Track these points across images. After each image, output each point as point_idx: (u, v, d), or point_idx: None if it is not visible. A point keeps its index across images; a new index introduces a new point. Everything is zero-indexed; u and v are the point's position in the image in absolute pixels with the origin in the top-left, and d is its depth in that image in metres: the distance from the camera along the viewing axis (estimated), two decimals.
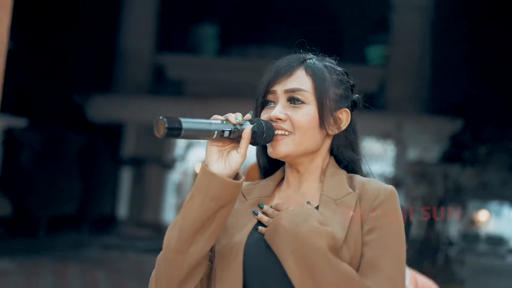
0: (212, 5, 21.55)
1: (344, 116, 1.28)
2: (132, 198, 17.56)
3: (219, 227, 1.17)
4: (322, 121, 1.24)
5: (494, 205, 18.81)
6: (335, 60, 1.34)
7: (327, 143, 1.28)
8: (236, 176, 1.18)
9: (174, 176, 17.94)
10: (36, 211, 14.01)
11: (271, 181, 1.33)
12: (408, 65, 17.35)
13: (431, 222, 9.89)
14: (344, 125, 1.28)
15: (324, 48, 1.38)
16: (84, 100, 17.59)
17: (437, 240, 9.65)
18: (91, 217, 15.97)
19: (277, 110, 1.24)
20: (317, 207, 1.21)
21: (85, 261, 11.84)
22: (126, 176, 17.65)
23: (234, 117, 1.18)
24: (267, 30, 20.08)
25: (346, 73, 1.32)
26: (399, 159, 14.57)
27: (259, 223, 1.22)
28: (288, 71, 1.27)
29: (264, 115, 1.26)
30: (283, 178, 1.32)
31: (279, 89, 1.26)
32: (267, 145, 1.25)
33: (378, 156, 16.45)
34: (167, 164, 17.50)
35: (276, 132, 1.22)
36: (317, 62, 1.28)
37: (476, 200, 11.00)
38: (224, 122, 1.17)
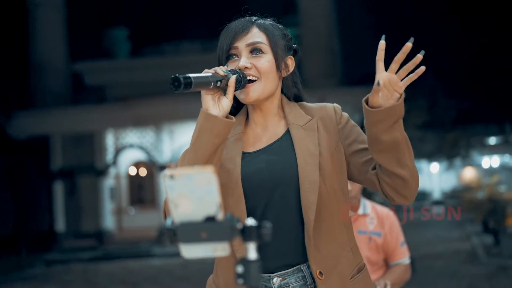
0: (120, 7, 21.38)
1: (290, 62, 1.62)
2: (68, 210, 17.28)
3: (219, 158, 1.47)
4: (278, 66, 1.55)
5: (415, 161, 20.02)
6: (273, 20, 1.66)
7: (280, 85, 1.61)
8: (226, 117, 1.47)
9: (108, 182, 17.79)
10: None
11: (237, 121, 1.61)
12: (318, 43, 18.06)
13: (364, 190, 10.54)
14: (291, 68, 1.62)
15: None
16: (4, 119, 17.07)
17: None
18: (29, 236, 15.62)
19: (244, 61, 1.52)
20: (287, 133, 1.57)
21: (31, 280, 11.64)
22: (59, 189, 17.33)
23: (221, 70, 1.45)
24: (179, 26, 20.23)
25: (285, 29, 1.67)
26: None
27: (245, 154, 1.55)
28: (245, 29, 1.55)
29: (231, 67, 1.51)
30: (247, 118, 1.65)
31: (241, 44, 1.54)
32: (238, 92, 1.52)
33: None
34: (99, 171, 17.33)
35: (248, 78, 1.53)
36: (265, 22, 1.60)
37: None
38: (214, 74, 1.43)
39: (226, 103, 1.46)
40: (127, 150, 17.66)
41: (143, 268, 12.80)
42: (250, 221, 0.97)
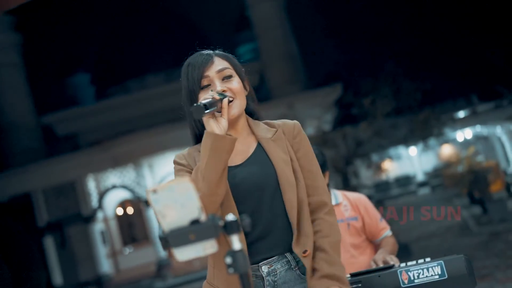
0: (77, 54, 21.43)
1: (247, 82, 1.86)
2: (63, 262, 17.15)
3: (226, 173, 1.66)
4: (244, 86, 1.80)
5: (393, 149, 20.26)
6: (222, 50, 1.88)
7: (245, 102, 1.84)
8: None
9: (97, 227, 17.72)
10: None
11: None
12: (277, 52, 18.32)
13: (344, 179, 10.70)
14: (249, 87, 1.86)
15: None
16: None
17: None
18: None
19: (219, 86, 1.73)
20: (259, 147, 1.78)
21: None
22: (49, 243, 17.20)
23: (216, 94, 1.67)
24: (140, 61, 20.31)
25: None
26: None
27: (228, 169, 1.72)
28: (210, 60, 1.76)
29: (207, 95, 1.70)
30: None
31: (211, 73, 1.74)
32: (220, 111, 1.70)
33: None
34: (86, 217, 17.27)
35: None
36: (218, 50, 1.84)
37: (378, 148, 11.90)
38: (213, 98, 1.64)
39: (224, 122, 1.66)
40: (111, 192, 17.63)
41: None
42: (230, 217, 1.13)
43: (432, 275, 2.21)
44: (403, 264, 2.32)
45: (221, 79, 1.75)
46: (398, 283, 2.23)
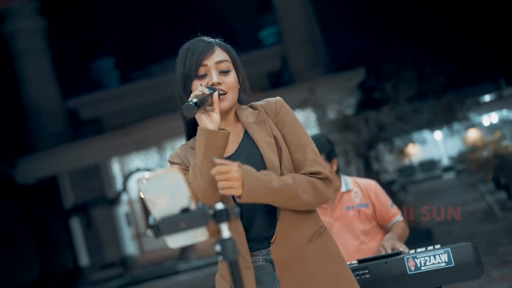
0: (101, 38, 21.60)
1: (243, 75, 1.84)
2: (89, 244, 17.49)
3: None
4: (239, 80, 1.80)
5: (417, 133, 20.04)
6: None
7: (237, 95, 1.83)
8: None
9: (122, 209, 18.00)
10: None
11: None
12: (300, 36, 18.17)
13: (366, 163, 10.64)
14: (244, 81, 1.85)
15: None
16: (9, 167, 17.32)
17: (378, 181, 10.31)
18: (56, 276, 15.83)
19: (215, 78, 1.72)
20: (246, 134, 1.77)
21: None
22: (76, 225, 17.54)
23: (205, 89, 1.66)
24: (163, 45, 20.35)
25: None
26: (322, 122, 15.42)
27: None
28: (210, 49, 1.74)
29: (196, 91, 1.66)
30: None
31: (209, 62, 1.72)
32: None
33: (304, 125, 17.27)
34: (111, 200, 17.55)
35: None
36: (220, 40, 1.82)
37: (401, 133, 11.79)
38: (202, 94, 1.63)
39: (216, 116, 1.66)
40: (135, 175, 17.86)
41: (172, 286, 12.97)
42: (220, 206, 1.15)
43: (439, 263, 2.21)
44: (412, 251, 2.33)
45: (218, 71, 1.74)
46: (405, 269, 2.24)
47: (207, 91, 1.65)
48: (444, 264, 2.20)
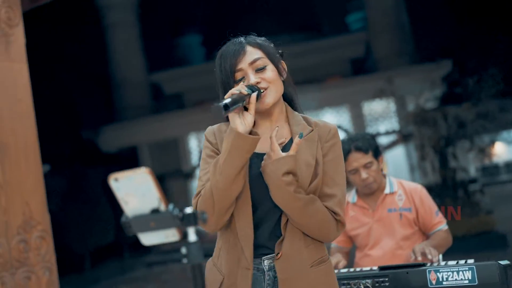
0: (190, 15, 22.00)
1: (283, 65, 1.79)
2: None
3: (247, 168, 1.65)
4: (279, 71, 1.74)
5: (505, 132, 18.96)
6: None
7: (283, 88, 1.78)
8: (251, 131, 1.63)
9: (195, 184, 18.47)
10: (78, 249, 14.49)
11: None
12: (387, 23, 17.65)
13: (442, 160, 10.25)
14: (286, 71, 1.79)
15: (306, 26, 1.86)
16: (94, 135, 18.24)
17: (453, 178, 9.95)
18: (130, 241, 16.55)
19: (253, 79, 1.68)
20: (290, 142, 1.73)
21: (133, 282, 12.34)
22: None
23: (243, 89, 1.62)
24: (248, 24, 20.45)
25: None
26: (400, 113, 14.97)
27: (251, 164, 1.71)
28: (241, 51, 1.71)
29: (234, 89, 1.63)
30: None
31: (243, 65, 1.70)
32: (257, 103, 1.67)
33: (382, 115, 16.86)
34: (187, 174, 18.05)
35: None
36: (253, 38, 1.76)
37: (482, 131, 11.24)
38: (239, 94, 1.60)
39: (250, 118, 1.62)
40: None
41: None
42: (188, 210, 1.17)
43: (462, 279, 2.13)
44: (442, 263, 2.26)
45: (255, 71, 1.71)
46: (426, 282, 2.18)
47: (245, 91, 1.62)
48: (467, 281, 2.13)
